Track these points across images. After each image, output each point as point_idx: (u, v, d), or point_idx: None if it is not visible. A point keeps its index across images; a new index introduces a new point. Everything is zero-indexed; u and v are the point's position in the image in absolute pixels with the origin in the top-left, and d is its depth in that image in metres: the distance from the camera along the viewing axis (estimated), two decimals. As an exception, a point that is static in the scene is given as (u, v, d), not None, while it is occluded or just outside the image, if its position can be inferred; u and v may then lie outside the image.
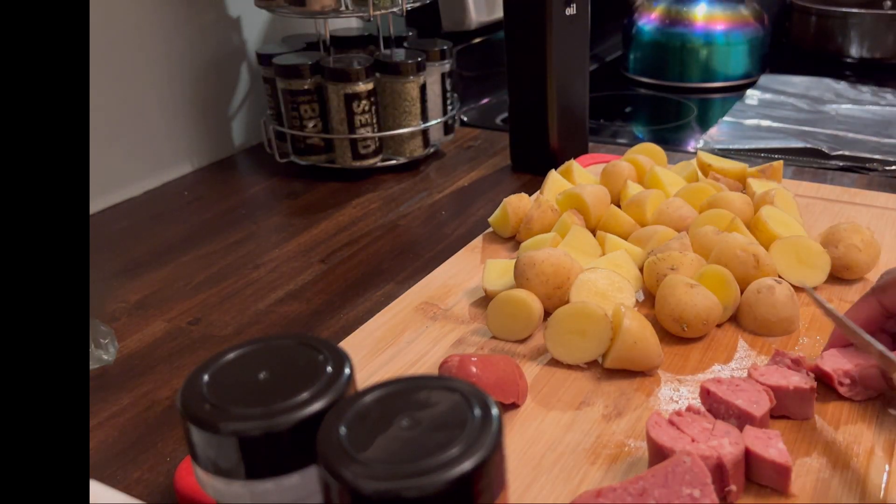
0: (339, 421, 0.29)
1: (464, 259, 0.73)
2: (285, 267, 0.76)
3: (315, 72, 0.92)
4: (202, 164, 1.02)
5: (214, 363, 0.33)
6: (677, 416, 0.46)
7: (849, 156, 0.95)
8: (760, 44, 1.31)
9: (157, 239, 0.83)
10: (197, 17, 0.97)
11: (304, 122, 0.94)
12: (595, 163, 0.91)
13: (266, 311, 0.69)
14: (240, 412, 0.30)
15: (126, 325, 0.68)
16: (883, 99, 1.17)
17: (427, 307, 0.65)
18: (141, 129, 0.94)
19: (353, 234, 0.82)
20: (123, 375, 0.61)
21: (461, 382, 0.31)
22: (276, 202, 0.91)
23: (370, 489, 0.26)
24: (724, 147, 1.00)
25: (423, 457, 0.27)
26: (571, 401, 0.53)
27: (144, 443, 0.54)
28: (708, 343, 0.59)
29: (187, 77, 0.98)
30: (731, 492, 0.43)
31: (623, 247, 0.68)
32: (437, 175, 0.97)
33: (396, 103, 0.94)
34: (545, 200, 0.74)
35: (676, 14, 1.30)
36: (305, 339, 0.34)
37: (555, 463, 0.48)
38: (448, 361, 0.52)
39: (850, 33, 1.36)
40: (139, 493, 0.49)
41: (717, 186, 0.76)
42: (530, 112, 0.91)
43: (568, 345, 0.56)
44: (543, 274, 0.62)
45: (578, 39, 0.90)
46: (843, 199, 0.80)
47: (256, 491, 0.31)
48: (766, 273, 0.62)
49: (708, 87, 1.30)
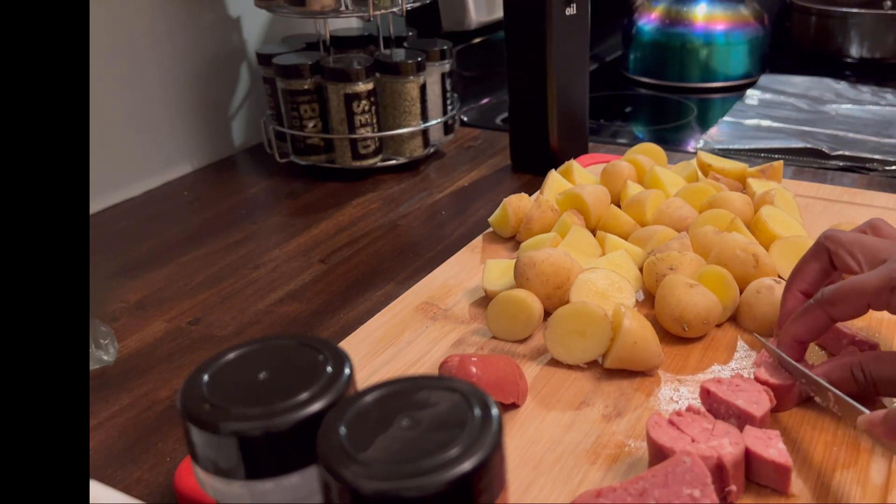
0: (339, 421, 0.29)
1: (464, 259, 0.73)
2: (285, 267, 0.76)
3: (315, 72, 0.92)
4: (202, 164, 1.02)
5: (214, 363, 0.33)
6: (677, 417, 0.46)
7: (849, 156, 0.95)
8: (760, 44, 1.31)
9: (157, 239, 0.83)
10: (197, 17, 0.97)
11: (304, 122, 0.94)
12: (595, 163, 0.91)
13: (266, 311, 0.69)
14: (240, 412, 0.30)
15: (126, 325, 0.68)
16: (883, 99, 1.17)
17: (427, 307, 0.65)
18: (141, 129, 0.94)
19: (353, 234, 0.82)
20: (123, 375, 0.61)
21: (461, 382, 0.31)
22: (276, 202, 0.91)
23: (370, 489, 0.26)
24: (724, 147, 1.00)
25: (423, 457, 0.27)
26: (571, 401, 0.53)
27: (144, 443, 0.54)
28: (708, 343, 0.59)
29: (187, 77, 0.98)
30: (731, 492, 0.43)
31: (623, 247, 0.68)
32: (437, 175, 0.97)
33: (396, 103, 0.94)
34: (545, 200, 0.74)
35: (676, 14, 1.30)
36: (305, 339, 0.34)
37: (555, 463, 0.48)
38: (448, 361, 0.52)
39: (850, 33, 1.36)
40: (139, 493, 0.49)
41: (717, 186, 0.76)
42: (530, 112, 0.91)
43: (568, 345, 0.56)
44: (543, 274, 0.62)
45: (578, 39, 0.90)
46: (843, 199, 0.80)
47: (256, 491, 0.31)
48: (766, 273, 0.62)
49: (708, 87, 1.30)
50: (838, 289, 0.49)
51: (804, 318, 0.50)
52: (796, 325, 0.51)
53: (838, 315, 0.49)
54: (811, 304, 0.50)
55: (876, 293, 0.47)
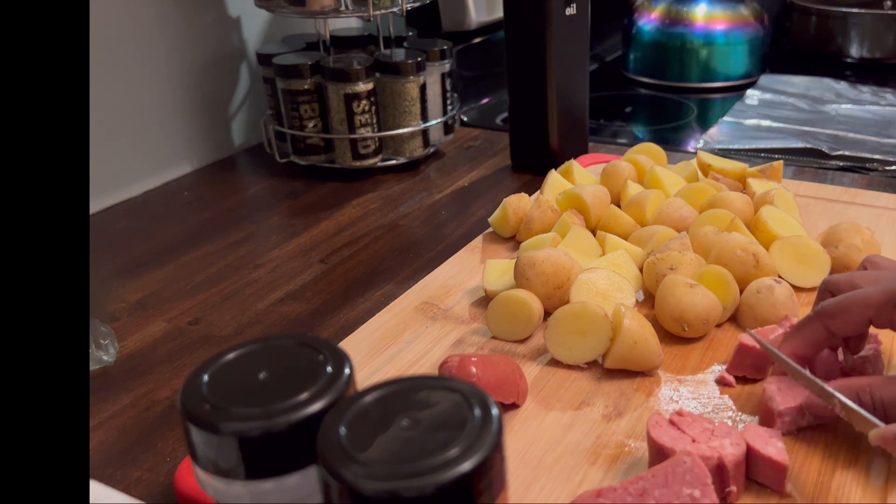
0: (339, 421, 0.29)
1: (464, 259, 0.73)
2: (285, 267, 0.76)
3: (315, 72, 0.92)
4: (202, 164, 1.02)
5: (214, 363, 0.33)
6: (678, 416, 0.46)
7: (849, 156, 0.95)
8: (760, 44, 1.31)
9: (157, 239, 0.83)
10: (197, 17, 0.97)
11: (303, 122, 0.94)
12: (595, 163, 0.91)
13: (266, 311, 0.69)
14: (240, 412, 0.30)
15: (126, 325, 0.68)
16: (883, 99, 1.17)
17: (427, 307, 0.65)
18: (141, 129, 0.94)
19: (353, 234, 0.82)
20: (123, 375, 0.61)
21: (461, 382, 0.31)
22: (276, 202, 0.91)
23: (370, 489, 0.26)
24: (724, 147, 1.00)
25: (423, 457, 0.27)
26: (571, 401, 0.53)
27: (144, 443, 0.54)
28: (708, 343, 0.59)
29: (187, 77, 0.98)
30: (731, 492, 0.43)
31: (623, 247, 0.68)
32: (437, 175, 0.97)
33: (396, 103, 0.94)
34: (545, 200, 0.74)
35: (676, 14, 1.30)
36: (305, 339, 0.34)
37: (555, 463, 0.48)
38: (448, 361, 0.52)
39: (850, 33, 1.36)
40: (139, 493, 0.49)
41: (717, 186, 0.76)
42: (530, 112, 0.91)
43: (568, 345, 0.56)
44: (543, 274, 0.62)
45: (578, 39, 0.90)
46: (843, 199, 0.80)
47: (256, 491, 0.31)
48: (766, 273, 0.62)
49: (708, 87, 1.30)
50: (840, 301, 0.47)
51: (802, 331, 0.49)
52: (794, 340, 0.49)
53: (839, 329, 0.47)
54: (810, 317, 0.48)
55: (879, 306, 0.46)
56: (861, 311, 0.46)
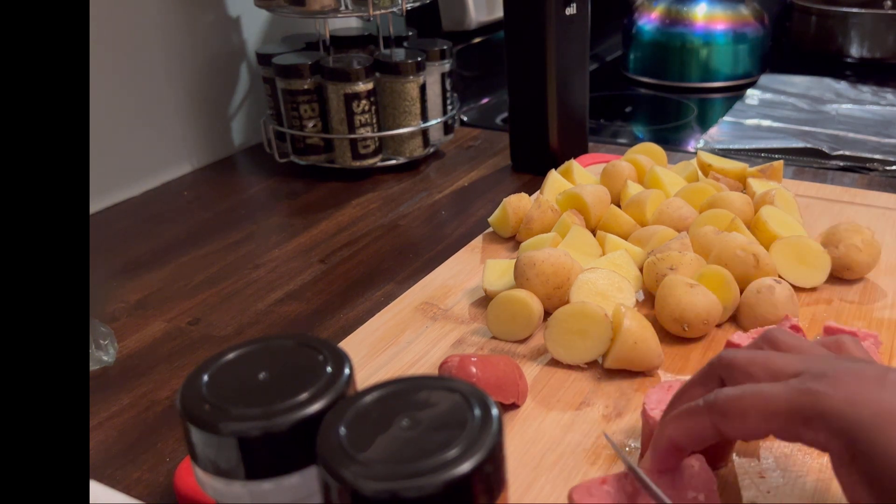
0: (339, 421, 0.29)
1: (464, 259, 0.73)
2: (285, 267, 0.76)
3: (315, 72, 0.92)
4: (202, 164, 1.02)
5: (214, 363, 0.33)
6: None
7: (849, 156, 0.95)
8: (760, 44, 1.31)
9: (157, 239, 0.83)
10: (197, 17, 0.97)
11: (303, 122, 0.94)
12: (595, 163, 0.91)
13: (266, 311, 0.69)
14: (239, 412, 0.30)
15: (126, 326, 0.68)
16: (883, 99, 1.17)
17: (427, 307, 0.65)
18: (141, 129, 0.94)
19: (353, 234, 0.82)
20: (123, 376, 0.61)
21: (461, 382, 0.31)
22: (275, 202, 0.91)
23: (370, 489, 0.26)
24: (725, 147, 1.00)
25: (423, 457, 0.27)
26: (571, 401, 0.53)
27: (144, 443, 0.54)
28: (708, 343, 0.59)
29: (187, 77, 0.98)
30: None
31: (623, 247, 0.68)
32: (437, 175, 0.97)
33: (396, 103, 0.94)
34: (545, 200, 0.74)
35: (676, 14, 1.30)
36: (305, 339, 0.34)
37: (555, 463, 0.48)
38: (448, 361, 0.52)
39: (850, 33, 1.36)
40: (139, 493, 0.49)
41: (717, 186, 0.76)
42: (530, 112, 0.91)
43: (568, 345, 0.56)
44: (543, 274, 0.62)
45: (578, 39, 0.90)
46: (843, 199, 0.80)
47: (256, 491, 0.31)
48: (766, 273, 0.62)
49: (708, 87, 1.30)
50: (736, 399, 0.37)
51: (688, 421, 0.39)
52: (677, 428, 0.40)
53: (730, 432, 0.38)
54: (699, 407, 0.39)
55: (787, 418, 0.36)
56: (761, 421, 0.37)
